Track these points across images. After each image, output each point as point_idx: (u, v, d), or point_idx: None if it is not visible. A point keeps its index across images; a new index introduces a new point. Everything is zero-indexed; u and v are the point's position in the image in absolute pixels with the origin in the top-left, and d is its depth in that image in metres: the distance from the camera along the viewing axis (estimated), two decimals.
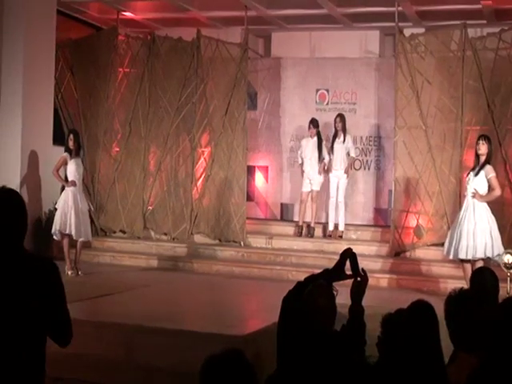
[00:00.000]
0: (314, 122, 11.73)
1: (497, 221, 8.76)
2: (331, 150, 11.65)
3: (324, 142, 11.77)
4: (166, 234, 12.19)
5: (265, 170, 13.06)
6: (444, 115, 10.89)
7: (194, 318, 8.05)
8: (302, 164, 11.85)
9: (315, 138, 11.70)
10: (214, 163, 12.14)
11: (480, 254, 8.54)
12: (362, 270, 4.12)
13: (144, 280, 10.06)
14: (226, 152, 12.02)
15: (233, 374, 2.61)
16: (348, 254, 4.16)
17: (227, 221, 11.91)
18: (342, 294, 4.06)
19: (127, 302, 8.71)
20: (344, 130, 11.65)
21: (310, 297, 3.86)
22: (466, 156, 10.59)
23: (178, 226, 12.05)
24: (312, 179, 11.71)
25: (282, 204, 12.95)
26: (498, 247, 8.56)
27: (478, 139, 8.87)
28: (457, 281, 8.72)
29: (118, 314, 7.77)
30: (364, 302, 4.16)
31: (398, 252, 10.86)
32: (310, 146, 11.72)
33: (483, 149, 8.74)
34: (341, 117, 11.66)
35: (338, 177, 11.64)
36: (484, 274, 4.85)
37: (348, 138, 11.68)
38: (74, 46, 12.70)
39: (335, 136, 11.68)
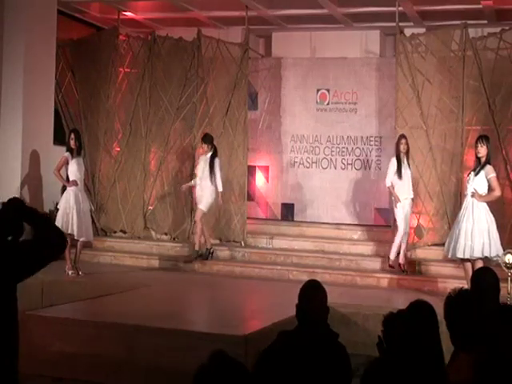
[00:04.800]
0: (205, 138, 11.01)
1: (497, 220, 8.75)
2: (399, 176, 10.10)
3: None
4: (166, 234, 12.19)
5: (265, 169, 13.05)
6: (445, 115, 10.88)
7: (194, 318, 8.06)
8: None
9: (208, 155, 10.90)
10: None
11: (478, 254, 8.54)
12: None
13: (144, 280, 10.06)
14: (227, 152, 12.02)
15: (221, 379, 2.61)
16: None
17: (228, 221, 11.92)
18: (344, 294, 4.09)
19: (127, 301, 8.72)
20: (408, 153, 10.29)
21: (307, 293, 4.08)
22: (466, 156, 10.58)
23: (179, 225, 12.04)
24: (200, 199, 10.92)
25: (282, 204, 12.94)
26: (497, 247, 8.55)
27: (476, 142, 8.87)
28: (457, 281, 8.72)
29: (118, 313, 7.78)
30: (364, 302, 4.20)
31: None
32: (201, 163, 10.99)
33: (482, 151, 8.76)
34: (406, 139, 10.21)
35: (404, 205, 10.12)
36: (485, 274, 4.84)
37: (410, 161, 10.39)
38: (74, 46, 12.71)
39: (399, 160, 10.13)
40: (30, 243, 3.58)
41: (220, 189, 10.89)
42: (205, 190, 10.88)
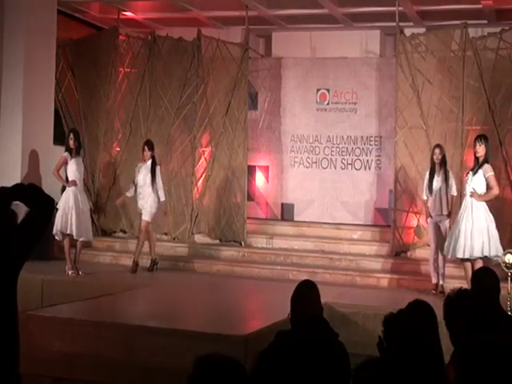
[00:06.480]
0: (148, 145, 10.76)
1: (497, 221, 8.75)
2: (429, 189, 9.41)
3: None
4: (166, 234, 12.18)
5: (265, 169, 13.05)
6: (445, 115, 10.88)
7: (194, 318, 8.05)
8: (135, 190, 10.77)
9: (149, 163, 10.66)
10: (214, 163, 12.16)
11: (477, 253, 8.54)
12: None
13: (144, 280, 10.07)
14: (227, 152, 12.02)
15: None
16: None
17: (228, 221, 11.92)
18: (344, 294, 4.09)
19: (127, 301, 8.72)
20: (444, 164, 9.48)
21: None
22: (466, 156, 10.57)
23: (179, 225, 12.05)
24: (143, 207, 10.63)
25: (282, 204, 12.93)
26: (496, 246, 8.56)
27: (475, 141, 8.89)
28: (457, 281, 8.73)
29: (118, 313, 7.78)
30: (364, 302, 4.21)
31: (398, 252, 10.86)
32: (142, 170, 10.68)
33: (480, 150, 8.77)
34: (441, 148, 9.46)
35: (438, 221, 9.35)
36: (485, 275, 4.84)
37: (450, 173, 9.49)
38: (74, 46, 12.71)
39: (433, 171, 9.45)
40: (24, 218, 3.66)
41: (162, 198, 10.73)
42: (146, 198, 10.63)
